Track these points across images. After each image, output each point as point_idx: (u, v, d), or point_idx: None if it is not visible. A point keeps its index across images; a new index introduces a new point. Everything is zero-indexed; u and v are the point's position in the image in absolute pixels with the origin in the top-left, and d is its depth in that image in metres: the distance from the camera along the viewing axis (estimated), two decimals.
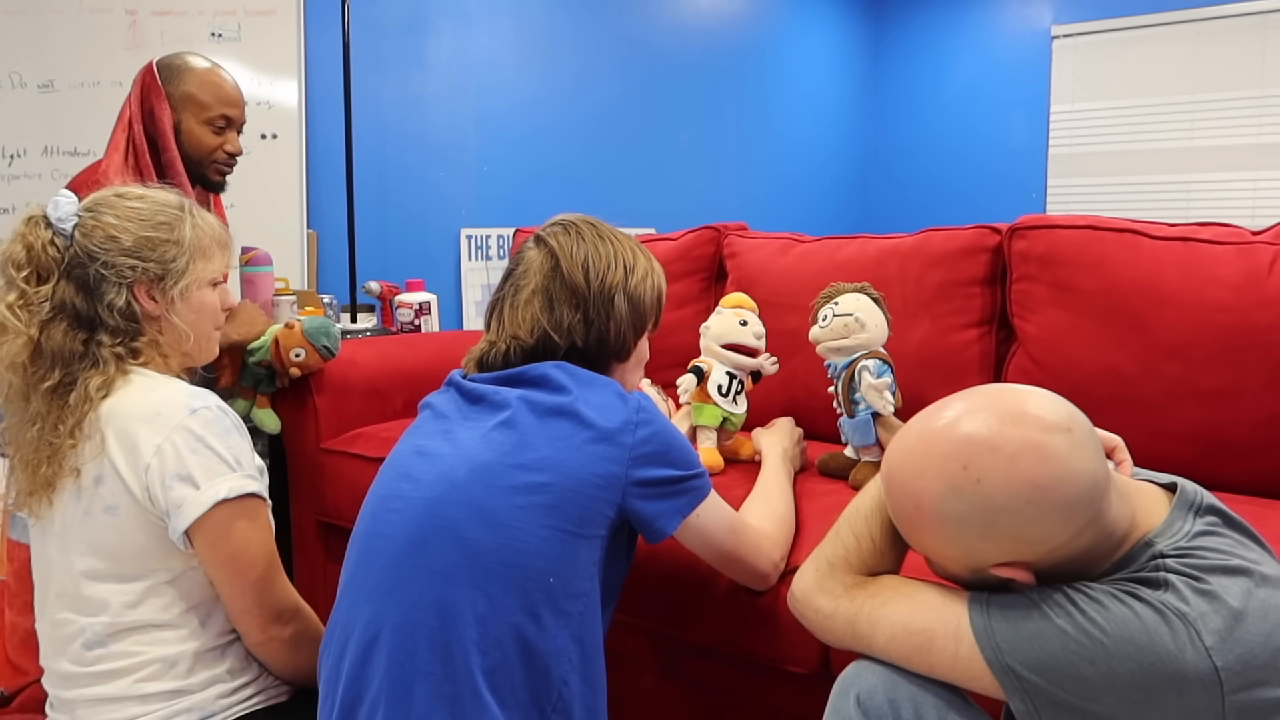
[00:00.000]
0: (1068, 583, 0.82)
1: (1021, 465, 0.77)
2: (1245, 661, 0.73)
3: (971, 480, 0.78)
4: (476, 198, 3.38)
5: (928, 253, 1.74)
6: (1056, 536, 0.78)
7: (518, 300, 1.13)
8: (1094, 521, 0.79)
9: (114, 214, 1.11)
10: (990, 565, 0.81)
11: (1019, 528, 0.78)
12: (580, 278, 1.12)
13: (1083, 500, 0.77)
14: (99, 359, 1.09)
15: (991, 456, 0.78)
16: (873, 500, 0.96)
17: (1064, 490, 0.77)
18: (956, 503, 0.79)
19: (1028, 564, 0.80)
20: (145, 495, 1.06)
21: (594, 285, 1.12)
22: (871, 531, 0.94)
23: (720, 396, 1.52)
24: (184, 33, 2.66)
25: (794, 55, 4.60)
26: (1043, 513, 0.77)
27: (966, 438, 0.79)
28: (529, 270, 1.14)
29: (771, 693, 1.28)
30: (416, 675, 0.95)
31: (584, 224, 1.17)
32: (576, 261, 1.12)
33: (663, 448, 1.04)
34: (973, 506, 0.78)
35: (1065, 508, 0.77)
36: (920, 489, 0.82)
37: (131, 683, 1.07)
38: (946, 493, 0.80)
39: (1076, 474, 0.77)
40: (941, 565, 0.88)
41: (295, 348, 1.75)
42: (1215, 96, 4.15)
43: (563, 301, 1.11)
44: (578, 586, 1.00)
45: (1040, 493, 0.76)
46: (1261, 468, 1.41)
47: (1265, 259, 1.42)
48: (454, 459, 1.03)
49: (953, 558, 0.84)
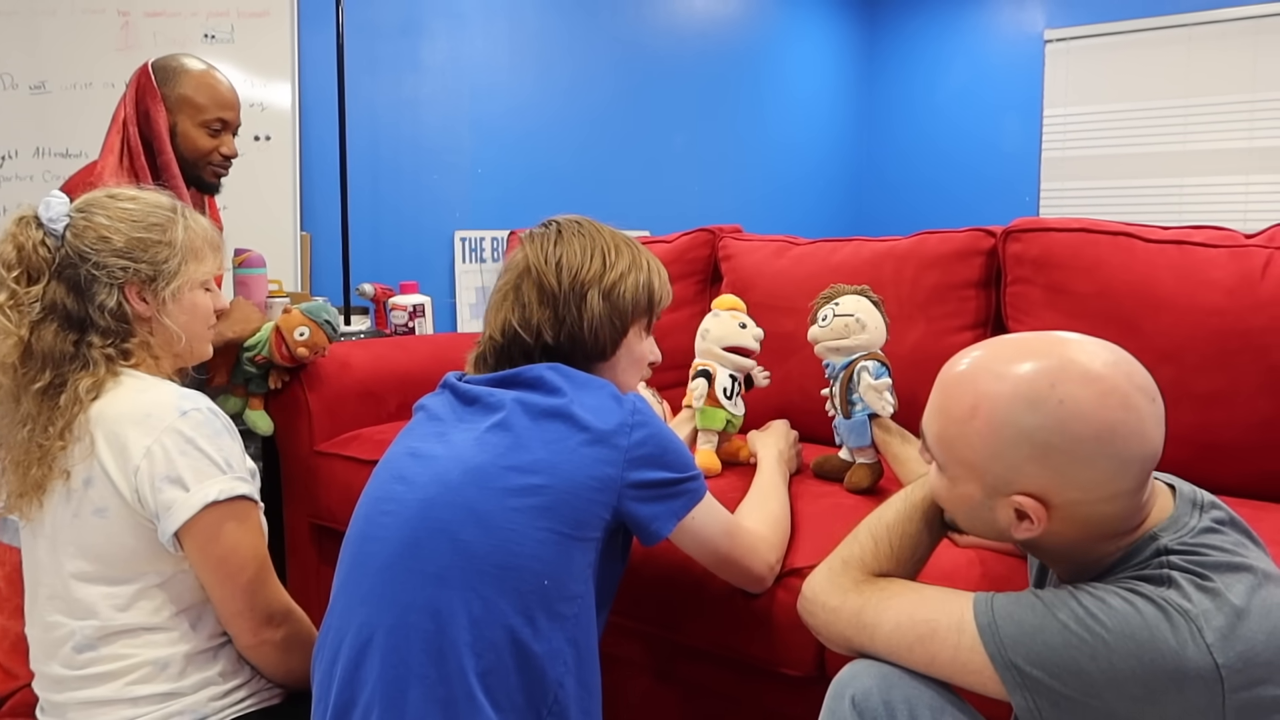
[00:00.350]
0: (1073, 561, 0.83)
1: (1109, 405, 0.78)
2: (1247, 659, 0.73)
3: (1055, 399, 0.79)
4: (471, 200, 3.37)
5: (922, 255, 1.74)
6: (1098, 487, 0.79)
7: (493, 300, 1.15)
8: (1131, 495, 0.80)
9: (105, 215, 1.11)
10: (1016, 491, 0.81)
11: (1072, 462, 0.79)
12: (551, 275, 1.11)
13: (1136, 464, 0.79)
14: (89, 360, 1.08)
15: (1084, 386, 0.79)
16: (896, 512, 0.96)
17: (1131, 446, 0.78)
18: (1029, 414, 0.79)
19: (1050, 504, 0.80)
20: (135, 497, 1.05)
21: (565, 282, 1.11)
22: (891, 539, 0.94)
23: (725, 399, 1.52)
24: (177, 34, 2.66)
25: (789, 58, 4.60)
26: (1103, 457, 0.78)
27: (1070, 359, 0.80)
28: (507, 270, 1.16)
29: (766, 695, 1.27)
30: (410, 678, 0.94)
31: (567, 222, 1.16)
32: (549, 258, 1.12)
33: (658, 450, 1.04)
34: (1042, 424, 0.79)
35: (1121, 463, 0.78)
36: (991, 390, 0.81)
37: (123, 685, 1.06)
38: (1021, 401, 0.80)
39: (1147, 439, 0.79)
40: (956, 480, 0.86)
41: (299, 327, 1.74)
42: (1207, 101, 4.17)
43: (532, 299, 1.11)
44: (573, 589, 0.99)
45: (1111, 437, 0.78)
46: (1255, 470, 1.41)
47: (1258, 262, 1.42)
48: (448, 461, 1.02)
49: (982, 470, 0.83)
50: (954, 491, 0.87)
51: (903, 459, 1.34)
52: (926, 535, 0.96)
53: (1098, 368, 0.80)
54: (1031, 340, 0.84)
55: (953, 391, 0.85)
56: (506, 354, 1.12)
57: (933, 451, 0.88)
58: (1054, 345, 0.82)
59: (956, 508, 0.89)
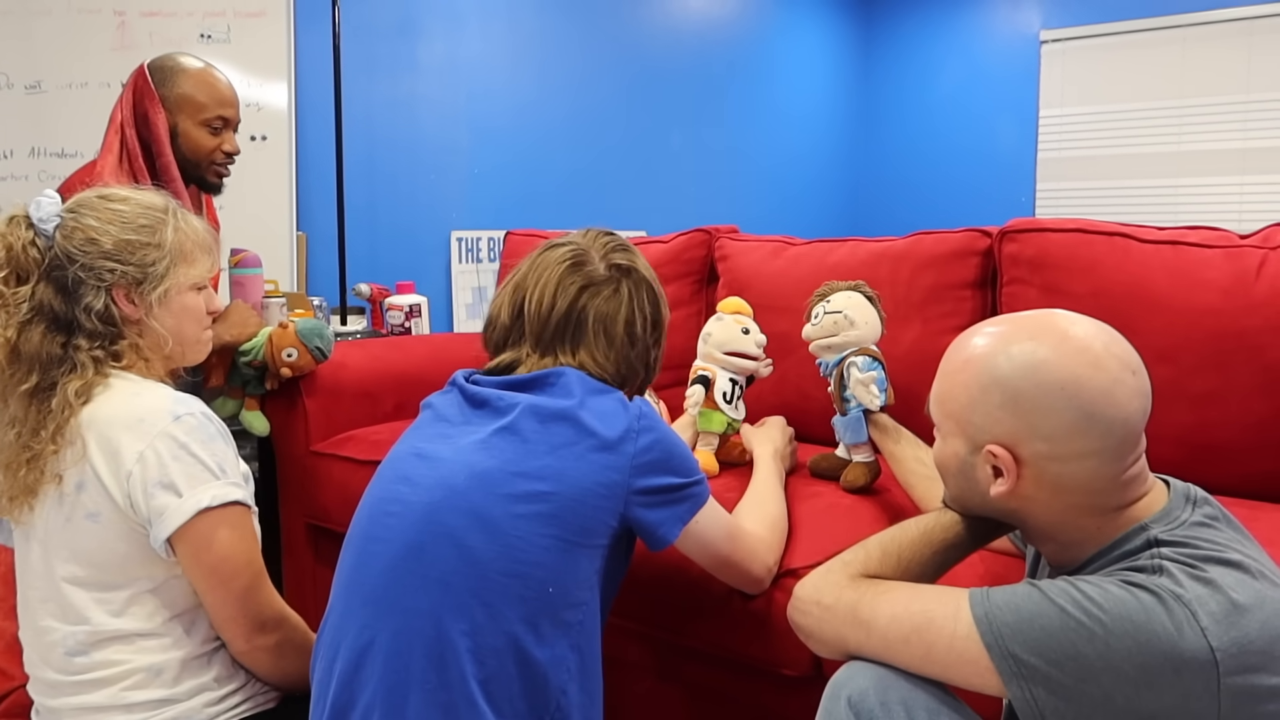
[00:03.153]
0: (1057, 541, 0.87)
1: (1079, 360, 0.83)
2: (1241, 645, 0.74)
3: (1029, 350, 0.84)
4: (467, 200, 3.37)
5: (918, 256, 1.74)
6: (1062, 442, 0.82)
7: (600, 327, 1.11)
8: (1101, 460, 0.83)
9: (95, 216, 1.10)
10: (989, 440, 0.85)
11: (1035, 409, 0.83)
12: (663, 311, 1.18)
13: (1102, 423, 0.82)
14: (77, 363, 1.07)
15: (1060, 343, 0.84)
16: (912, 536, 0.96)
17: (1098, 403, 0.82)
18: (1005, 364, 0.85)
19: (1019, 457, 0.84)
20: (127, 503, 1.04)
21: (665, 319, 1.19)
22: (901, 551, 0.94)
23: (725, 404, 1.52)
24: (173, 34, 2.65)
25: (785, 59, 4.61)
26: (1068, 409, 0.82)
27: (1054, 325, 0.86)
28: (611, 294, 1.13)
29: (764, 696, 1.27)
30: (411, 683, 0.94)
31: (631, 245, 1.18)
32: (658, 293, 1.17)
33: (664, 455, 1.04)
34: (1013, 371, 0.84)
35: (1086, 417, 0.82)
36: (980, 347, 0.88)
37: (117, 691, 1.05)
38: (998, 352, 0.86)
39: (1116, 401, 0.82)
40: (946, 437, 0.91)
41: (288, 347, 1.74)
42: (1202, 101, 4.17)
43: (651, 337, 1.16)
44: (578, 596, 0.99)
45: (1077, 389, 0.82)
46: (1250, 470, 1.41)
47: (1253, 262, 1.42)
48: (454, 464, 1.02)
49: (964, 422, 0.88)
50: (944, 450, 0.92)
51: (898, 457, 1.34)
52: (936, 564, 0.96)
53: (1076, 331, 0.85)
54: (1031, 313, 0.90)
55: (951, 353, 0.92)
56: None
57: (932, 413, 0.94)
58: (1046, 315, 0.89)
59: (947, 469, 0.93)
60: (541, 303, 1.10)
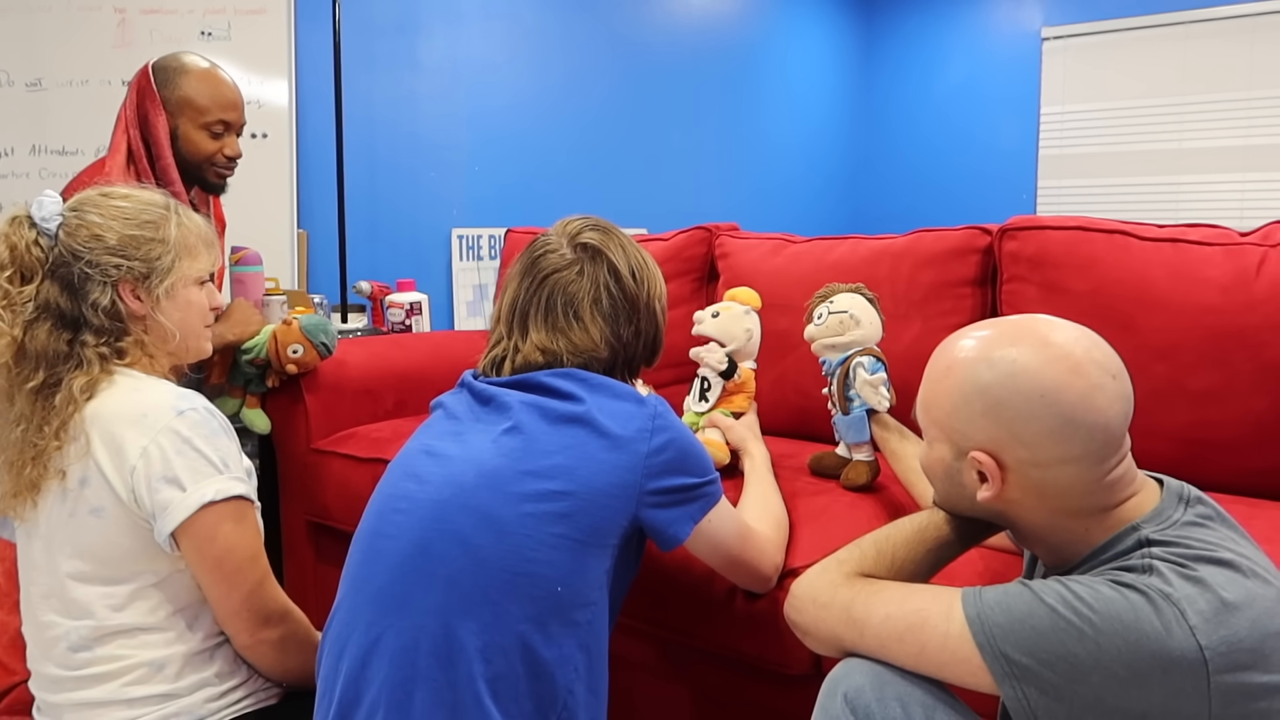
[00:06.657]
0: (1049, 544, 0.87)
1: (1058, 367, 0.83)
2: (1230, 644, 0.74)
3: (1009, 358, 0.85)
4: (468, 197, 3.37)
5: (919, 253, 1.74)
6: (1044, 448, 0.83)
7: (580, 311, 1.10)
8: (1084, 465, 0.83)
9: (98, 213, 1.11)
10: (973, 446, 0.86)
11: (1016, 417, 0.84)
12: (634, 288, 1.13)
13: (1083, 430, 0.82)
14: (83, 359, 1.08)
15: (1039, 350, 0.84)
16: (906, 535, 0.96)
17: (1077, 410, 0.82)
18: (986, 371, 0.86)
19: (1003, 463, 0.85)
20: (131, 497, 1.05)
21: (643, 296, 1.14)
22: (895, 550, 0.95)
23: (690, 398, 1.51)
24: (173, 31, 2.65)
25: (786, 56, 4.60)
26: (1048, 416, 0.82)
27: (1034, 330, 0.86)
28: (581, 278, 1.11)
29: (764, 694, 1.28)
30: (417, 681, 0.94)
31: (611, 227, 1.17)
32: (626, 270, 1.13)
33: (679, 455, 1.03)
34: (994, 379, 0.85)
35: (1066, 423, 0.82)
36: (963, 353, 0.88)
37: (119, 686, 1.06)
38: (980, 360, 0.86)
39: (1095, 407, 0.82)
40: (933, 443, 0.92)
41: (293, 344, 1.74)
42: (1204, 98, 4.17)
43: (623, 315, 1.12)
44: (588, 596, 0.98)
45: (1057, 396, 0.82)
46: (1249, 467, 1.41)
47: (1253, 260, 1.42)
48: (463, 463, 1.02)
49: (948, 429, 0.89)
50: (931, 455, 0.93)
51: (900, 454, 1.35)
52: (929, 563, 0.96)
53: (1056, 337, 0.85)
54: (1014, 319, 0.90)
55: (936, 358, 0.92)
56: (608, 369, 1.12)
57: (918, 418, 0.94)
58: (1029, 321, 0.88)
59: (934, 474, 0.94)
60: (516, 294, 1.13)
